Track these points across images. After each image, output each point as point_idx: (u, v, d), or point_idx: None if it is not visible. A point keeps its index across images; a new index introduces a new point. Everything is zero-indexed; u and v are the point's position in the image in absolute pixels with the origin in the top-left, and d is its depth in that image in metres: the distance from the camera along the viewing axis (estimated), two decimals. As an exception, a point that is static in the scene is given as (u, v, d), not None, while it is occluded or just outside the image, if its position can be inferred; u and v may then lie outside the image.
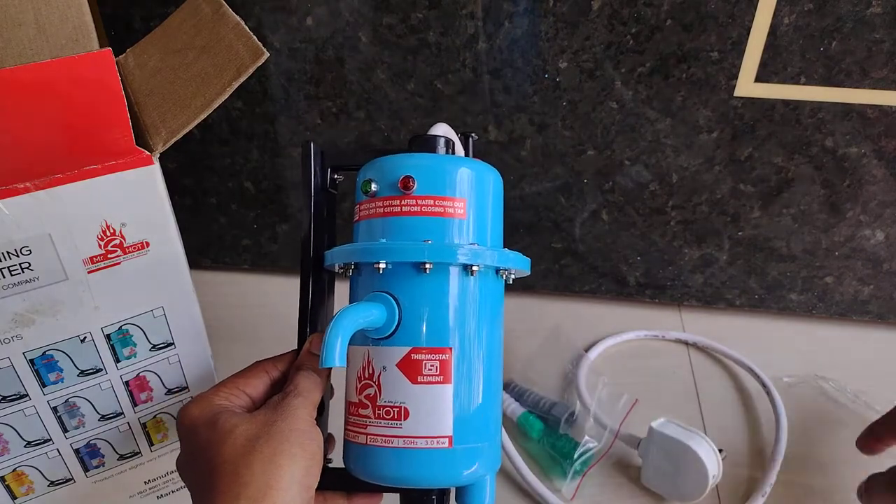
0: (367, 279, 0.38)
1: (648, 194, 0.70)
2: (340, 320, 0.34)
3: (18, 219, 0.37)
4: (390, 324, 0.36)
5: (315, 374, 0.38)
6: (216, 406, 0.37)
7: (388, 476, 0.37)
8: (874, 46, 0.58)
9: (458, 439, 0.36)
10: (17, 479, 0.45)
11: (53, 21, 0.39)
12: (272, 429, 0.34)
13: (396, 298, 0.36)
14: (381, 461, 0.36)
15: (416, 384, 0.36)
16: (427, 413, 0.36)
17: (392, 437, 0.36)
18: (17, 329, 0.40)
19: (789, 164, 0.66)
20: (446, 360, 0.36)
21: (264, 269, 0.82)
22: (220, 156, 0.74)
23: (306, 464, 0.34)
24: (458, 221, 0.37)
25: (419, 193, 0.37)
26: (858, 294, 0.73)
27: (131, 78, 0.43)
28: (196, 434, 0.36)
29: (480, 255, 0.37)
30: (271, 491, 0.32)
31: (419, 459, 0.36)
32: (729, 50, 0.60)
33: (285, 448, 0.33)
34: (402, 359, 0.36)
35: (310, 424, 0.36)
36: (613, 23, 0.60)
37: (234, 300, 0.79)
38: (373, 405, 0.36)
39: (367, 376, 0.37)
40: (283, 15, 0.64)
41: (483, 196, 0.38)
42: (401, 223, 0.37)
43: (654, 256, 0.74)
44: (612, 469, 0.59)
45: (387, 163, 0.38)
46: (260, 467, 0.32)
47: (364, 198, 0.38)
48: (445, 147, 0.40)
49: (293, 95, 0.68)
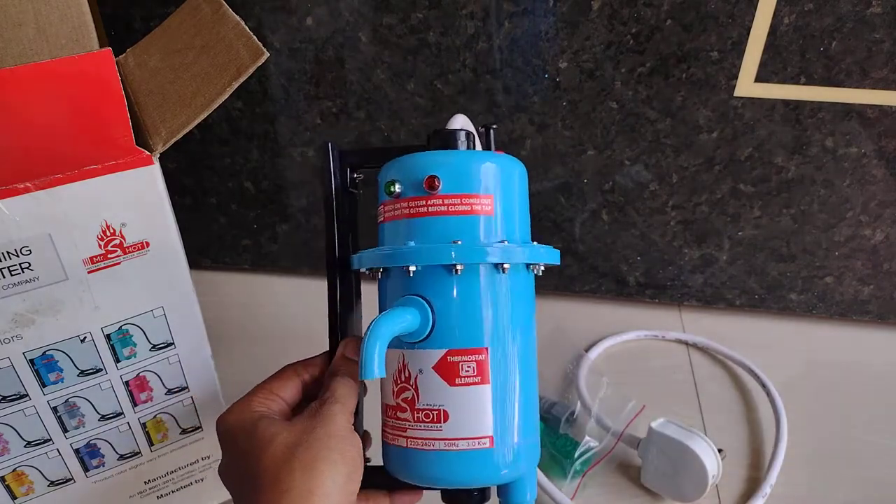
0: (396, 282, 0.37)
1: (648, 194, 0.70)
2: (377, 330, 0.34)
3: (18, 219, 0.37)
4: (424, 327, 0.36)
5: (351, 380, 0.38)
6: (255, 413, 0.37)
7: (429, 478, 0.37)
8: (874, 46, 0.58)
9: (499, 439, 0.36)
10: (17, 479, 0.45)
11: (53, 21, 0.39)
12: (311, 436, 0.34)
13: (429, 301, 0.36)
14: (423, 463, 0.36)
15: (455, 386, 0.35)
16: (467, 414, 0.35)
17: (433, 439, 0.36)
18: (17, 329, 0.40)
19: (789, 164, 0.66)
20: (483, 361, 0.36)
21: (264, 269, 0.82)
22: (220, 156, 0.74)
23: (347, 470, 0.34)
24: (487, 218, 0.36)
25: (445, 192, 0.36)
26: (858, 294, 0.73)
27: (131, 78, 0.43)
28: (235, 442, 0.36)
29: (511, 252, 0.36)
30: (313, 497, 0.32)
31: (461, 461, 0.36)
32: (729, 50, 0.60)
33: (325, 454, 0.33)
34: (439, 361, 0.36)
35: (348, 430, 0.35)
36: (613, 23, 0.60)
37: (233, 300, 0.79)
38: (411, 408, 0.36)
39: (404, 380, 0.37)
40: (283, 15, 0.64)
41: (509, 190, 0.38)
42: (428, 224, 0.36)
43: (654, 256, 0.74)
44: (612, 469, 0.59)
45: (410, 162, 0.37)
46: (301, 474, 0.33)
47: (388, 198, 0.38)
48: (466, 141, 0.39)
49: (293, 95, 0.68)
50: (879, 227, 0.68)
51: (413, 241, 0.36)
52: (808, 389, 0.68)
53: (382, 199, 0.38)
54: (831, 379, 0.69)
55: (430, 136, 0.40)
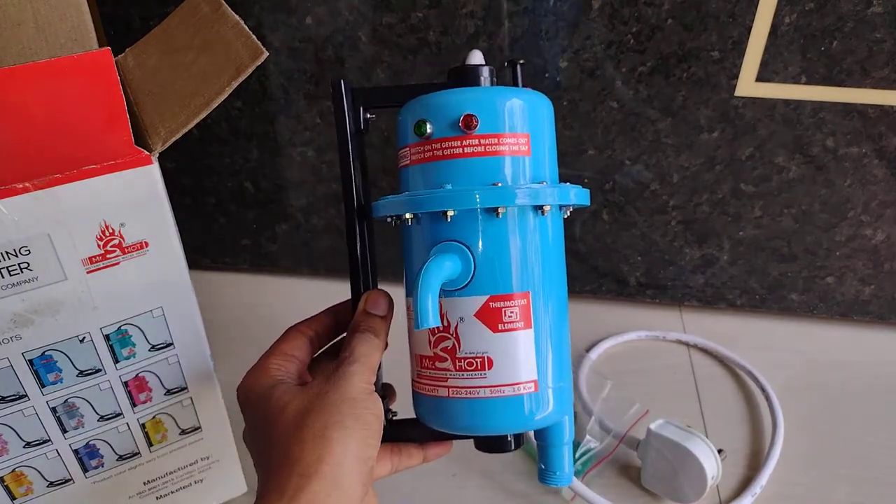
0: (430, 228, 0.36)
1: (649, 194, 0.69)
2: (428, 278, 0.33)
3: (17, 219, 0.36)
4: (465, 274, 0.35)
5: (373, 337, 0.37)
6: (271, 379, 0.36)
7: (474, 426, 0.36)
8: (875, 46, 0.58)
9: (542, 382, 0.36)
10: (16, 479, 0.45)
11: (52, 21, 0.39)
12: (324, 401, 0.33)
13: (469, 247, 0.35)
14: (467, 413, 0.36)
15: (498, 332, 0.35)
16: (512, 360, 0.35)
17: (477, 387, 0.35)
18: (16, 329, 0.40)
19: (790, 164, 0.66)
20: (525, 305, 0.35)
21: (264, 270, 0.82)
22: (220, 155, 0.74)
23: (361, 434, 0.33)
24: (524, 159, 0.35)
25: (482, 132, 0.34)
26: (859, 294, 0.73)
27: (130, 77, 0.43)
28: (252, 409, 0.36)
29: (556, 193, 0.35)
30: (323, 466, 0.31)
31: (506, 407, 0.35)
32: (730, 49, 0.60)
33: (337, 420, 0.33)
34: (481, 308, 0.35)
35: (365, 392, 0.34)
36: (614, 22, 0.60)
37: (233, 300, 0.79)
38: (452, 358, 0.35)
39: (443, 329, 0.35)
40: (282, 14, 0.64)
41: (542, 128, 0.36)
42: (464, 165, 0.35)
43: (655, 256, 0.74)
44: (612, 470, 0.59)
45: (442, 100, 0.35)
46: (311, 443, 0.32)
47: (416, 140, 0.36)
48: (490, 77, 0.37)
49: (293, 95, 0.68)
50: (880, 227, 0.68)
51: (449, 184, 0.35)
52: (809, 390, 0.68)
53: (407, 142, 0.37)
54: (832, 379, 0.69)
55: (450, 73, 0.38)
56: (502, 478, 0.58)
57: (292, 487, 0.31)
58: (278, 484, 0.31)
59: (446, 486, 0.57)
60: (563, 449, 0.40)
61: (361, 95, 0.40)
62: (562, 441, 0.39)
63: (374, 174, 0.68)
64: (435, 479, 0.58)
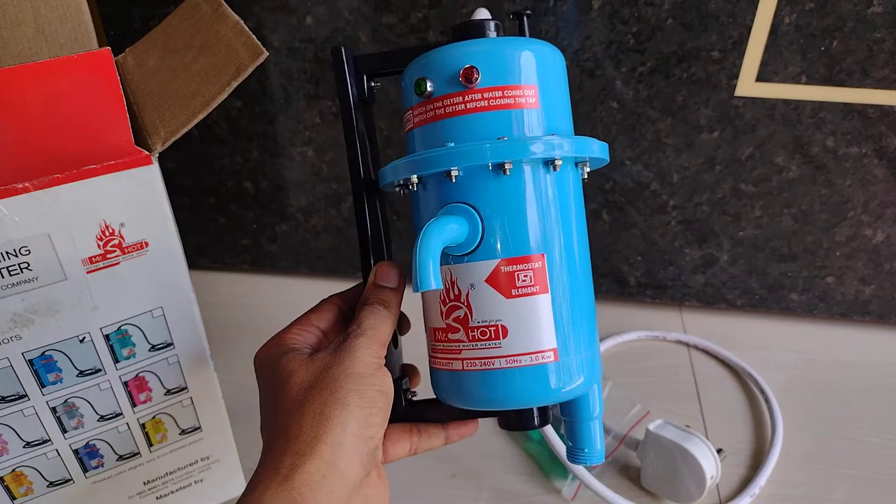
0: (436, 192, 0.34)
1: (649, 194, 0.69)
2: (427, 239, 0.31)
3: (17, 219, 0.36)
4: (473, 237, 0.33)
5: (383, 309, 0.36)
6: (283, 347, 0.35)
7: (491, 400, 0.34)
8: (875, 46, 0.58)
9: (563, 351, 0.33)
10: (16, 479, 0.45)
11: (52, 21, 0.39)
12: (326, 375, 0.32)
13: (476, 208, 0.33)
14: (483, 385, 0.33)
15: (512, 298, 0.32)
16: (527, 327, 0.33)
17: (492, 357, 0.33)
18: (16, 329, 0.40)
19: (790, 164, 0.66)
20: (540, 268, 0.33)
21: (263, 270, 0.82)
22: (220, 155, 0.74)
23: (363, 413, 0.32)
24: (531, 112, 0.33)
25: (484, 85, 0.32)
26: (860, 294, 0.73)
27: (130, 77, 0.43)
28: (263, 376, 0.35)
29: (568, 145, 0.32)
30: (319, 444, 0.30)
31: (524, 378, 0.33)
32: (730, 49, 0.60)
33: (339, 396, 0.31)
34: (492, 273, 0.33)
35: (371, 367, 0.33)
36: (614, 22, 0.60)
37: (233, 300, 0.79)
38: (464, 328, 0.33)
39: (454, 297, 0.34)
40: (282, 14, 0.64)
41: (552, 79, 0.34)
42: (467, 122, 0.33)
43: (655, 256, 0.74)
44: (612, 470, 0.59)
45: (441, 55, 0.33)
46: (310, 420, 0.31)
47: (417, 101, 0.34)
48: (496, 32, 0.35)
49: (292, 95, 0.68)
50: (881, 227, 0.68)
51: (452, 142, 0.33)
52: (809, 389, 0.68)
53: (410, 104, 0.35)
54: (832, 379, 0.69)
55: (453, 30, 0.36)
56: (502, 478, 0.58)
57: (287, 466, 0.30)
58: (273, 461, 0.31)
59: (446, 486, 0.57)
60: (591, 424, 0.37)
61: (364, 63, 0.38)
62: (590, 415, 0.36)
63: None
64: (435, 479, 0.58)
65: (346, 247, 0.78)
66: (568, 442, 0.38)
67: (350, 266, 0.80)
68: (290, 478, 0.30)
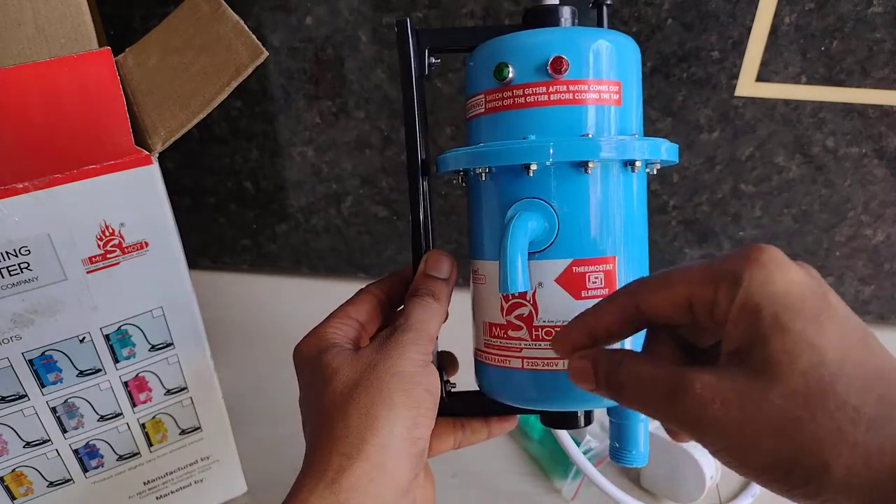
0: (508, 185, 0.33)
1: (649, 194, 0.69)
2: (516, 236, 0.30)
3: (17, 219, 0.36)
4: (549, 235, 0.32)
5: (433, 301, 0.34)
6: (324, 342, 0.34)
7: (548, 400, 0.33)
8: (875, 46, 0.58)
9: None
10: (16, 479, 0.45)
11: (52, 20, 0.39)
12: (373, 374, 0.31)
13: (552, 205, 0.32)
14: (543, 386, 0.33)
15: (581, 300, 0.31)
16: None
17: (556, 359, 0.32)
18: (16, 329, 0.39)
19: (790, 164, 0.66)
20: (611, 271, 0.32)
21: (264, 270, 0.82)
22: (220, 155, 0.74)
23: (411, 413, 0.30)
24: (614, 109, 0.32)
25: (571, 77, 0.31)
26: (859, 294, 0.73)
27: (130, 77, 0.43)
28: (304, 373, 0.34)
29: (649, 148, 0.31)
30: (366, 446, 0.29)
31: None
32: (730, 49, 0.60)
33: (385, 395, 0.30)
34: (563, 273, 0.32)
35: (419, 364, 0.32)
36: (614, 21, 0.60)
37: (233, 300, 0.79)
38: (528, 326, 0.32)
39: (519, 295, 0.32)
40: (282, 14, 0.64)
41: (633, 76, 0.33)
42: (549, 114, 0.31)
43: (655, 257, 0.74)
44: (612, 470, 0.59)
45: (527, 41, 0.32)
46: (356, 420, 0.30)
47: (493, 86, 0.32)
48: (572, 19, 0.34)
49: (292, 95, 0.68)
50: (881, 227, 0.68)
51: (532, 135, 0.31)
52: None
53: (481, 87, 0.34)
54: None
55: (526, 13, 0.34)
56: (502, 478, 0.58)
57: (333, 469, 0.29)
58: (319, 463, 0.30)
59: (447, 486, 0.57)
60: (638, 427, 0.36)
61: (427, 37, 0.36)
62: (637, 418, 0.36)
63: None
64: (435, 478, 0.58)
65: (346, 247, 0.78)
66: (615, 442, 0.37)
67: (350, 266, 0.80)
68: (336, 481, 0.29)
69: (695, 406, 0.25)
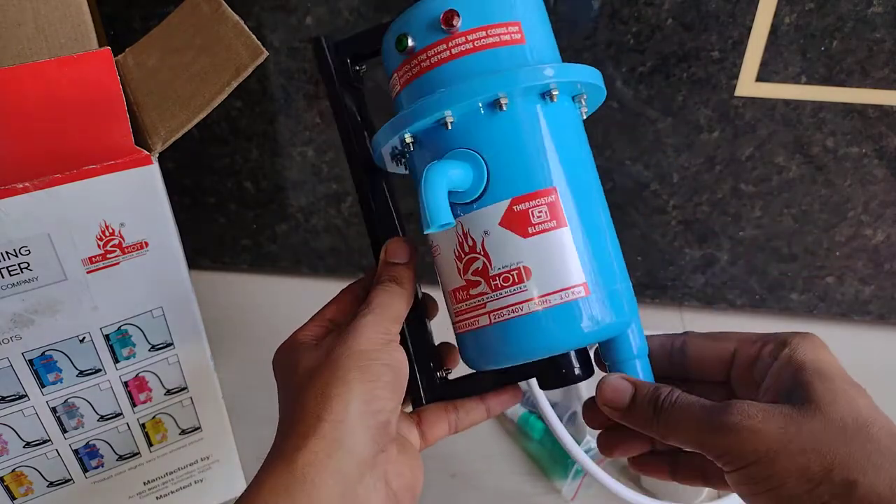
0: (433, 146, 0.33)
1: (649, 194, 0.69)
2: (431, 177, 0.30)
3: (17, 219, 0.36)
4: (479, 181, 0.32)
5: (395, 285, 0.35)
6: (295, 343, 0.35)
7: (524, 350, 0.32)
8: (875, 46, 0.58)
9: (593, 284, 0.32)
10: (16, 479, 0.45)
11: (52, 21, 0.39)
12: (329, 357, 0.32)
13: (478, 151, 0.32)
14: (514, 335, 0.32)
15: (530, 237, 0.31)
16: (551, 264, 0.31)
17: (520, 303, 0.31)
18: (16, 329, 0.40)
19: (790, 164, 0.66)
20: (554, 202, 0.31)
21: (264, 270, 0.82)
22: (220, 155, 0.74)
23: (366, 387, 0.31)
24: (521, 48, 0.32)
25: (467, 28, 0.31)
26: (860, 294, 0.73)
27: (130, 77, 0.43)
28: (277, 376, 0.35)
29: (560, 70, 0.31)
30: (322, 423, 0.30)
31: (557, 318, 0.31)
32: (730, 49, 0.60)
33: (340, 375, 0.31)
34: (504, 214, 0.31)
35: (377, 343, 0.32)
36: (614, 22, 0.60)
37: (233, 300, 0.79)
38: (485, 279, 0.32)
39: (469, 249, 0.32)
40: (282, 14, 0.64)
41: (532, 14, 0.33)
42: (455, 68, 0.32)
43: (655, 257, 0.74)
44: (613, 470, 0.59)
45: (417, 8, 0.33)
46: (312, 401, 0.30)
47: (400, 60, 0.33)
48: None
49: (292, 95, 0.68)
50: (881, 227, 0.68)
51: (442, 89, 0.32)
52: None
53: (395, 66, 0.34)
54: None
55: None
56: (502, 478, 0.58)
57: (290, 449, 0.30)
58: (277, 446, 0.31)
59: (447, 486, 0.57)
60: (634, 363, 0.35)
61: (344, 47, 0.38)
62: (631, 354, 0.34)
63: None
64: (435, 478, 0.58)
65: (346, 247, 0.78)
66: None
67: (350, 266, 0.80)
68: (293, 459, 0.29)
69: (737, 415, 0.29)
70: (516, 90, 0.31)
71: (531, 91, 0.32)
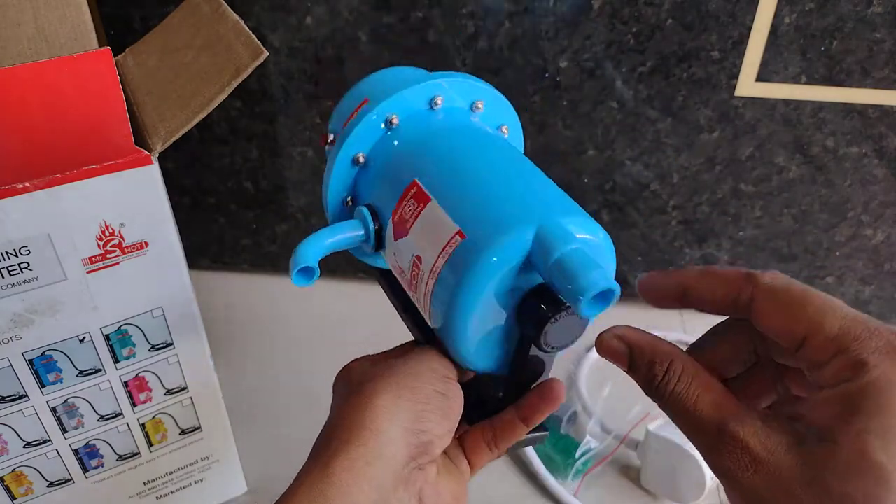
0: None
1: (649, 194, 0.69)
2: (306, 248, 0.37)
3: (17, 219, 0.36)
4: (370, 231, 0.36)
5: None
6: (361, 358, 0.35)
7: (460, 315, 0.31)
8: (875, 46, 0.58)
9: (469, 228, 0.31)
10: (16, 479, 0.45)
11: (52, 21, 0.39)
12: (388, 370, 0.32)
13: (368, 205, 0.37)
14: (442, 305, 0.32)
15: (408, 231, 0.34)
16: (430, 236, 0.32)
17: (428, 280, 0.32)
18: (16, 329, 0.40)
19: (790, 164, 0.66)
20: (418, 190, 0.34)
21: (264, 270, 0.82)
22: (220, 155, 0.73)
23: (416, 407, 0.31)
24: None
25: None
26: (860, 294, 0.73)
27: (130, 77, 0.43)
28: (334, 386, 0.35)
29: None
30: (364, 431, 0.29)
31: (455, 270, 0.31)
32: (730, 49, 0.60)
33: (393, 390, 0.30)
34: (395, 228, 0.35)
35: (438, 375, 0.32)
36: (614, 22, 0.60)
37: (233, 300, 0.79)
38: (411, 287, 0.34)
39: (411, 276, 0.34)
40: (282, 14, 0.64)
41: None
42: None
43: (655, 256, 0.74)
44: (612, 470, 0.59)
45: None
46: (359, 410, 0.30)
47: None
48: None
49: (293, 95, 0.68)
50: (881, 227, 0.68)
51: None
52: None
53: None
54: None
55: None
56: (502, 478, 0.58)
57: (329, 453, 0.29)
58: (318, 449, 0.30)
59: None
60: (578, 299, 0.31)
61: None
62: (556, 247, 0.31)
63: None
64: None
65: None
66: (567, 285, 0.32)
67: (350, 266, 0.80)
68: (330, 464, 0.29)
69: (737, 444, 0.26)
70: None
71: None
